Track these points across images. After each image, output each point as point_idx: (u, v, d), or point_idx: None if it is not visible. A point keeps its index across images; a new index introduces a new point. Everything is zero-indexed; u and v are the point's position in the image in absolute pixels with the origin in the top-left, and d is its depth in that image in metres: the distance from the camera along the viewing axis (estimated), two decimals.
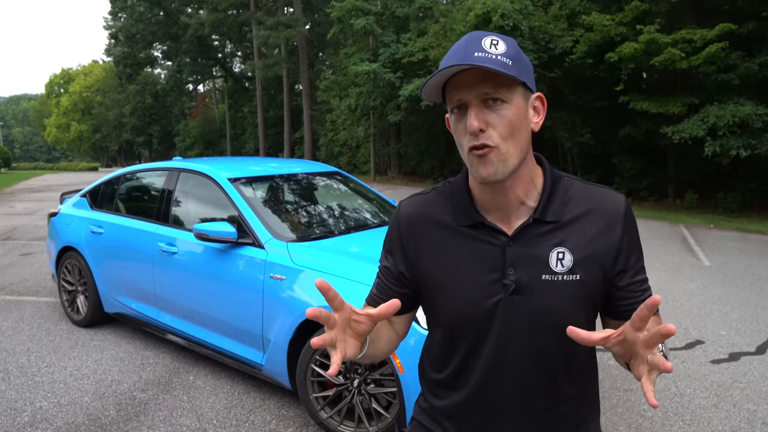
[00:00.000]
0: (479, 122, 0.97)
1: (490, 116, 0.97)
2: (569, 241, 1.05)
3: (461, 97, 0.98)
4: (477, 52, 0.95)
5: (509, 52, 0.97)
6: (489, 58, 0.95)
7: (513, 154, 1.00)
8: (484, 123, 0.97)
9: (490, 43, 0.97)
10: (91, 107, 63.05)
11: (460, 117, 1.01)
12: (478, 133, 0.97)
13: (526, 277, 1.04)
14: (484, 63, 0.94)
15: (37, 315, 4.98)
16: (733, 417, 3.11)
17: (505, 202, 1.07)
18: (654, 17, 12.94)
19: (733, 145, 11.14)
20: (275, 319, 3.00)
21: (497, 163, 0.99)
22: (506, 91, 0.97)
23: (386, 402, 2.74)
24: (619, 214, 1.07)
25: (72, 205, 4.95)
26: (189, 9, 39.72)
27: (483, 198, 1.09)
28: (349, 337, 0.94)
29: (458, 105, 1.00)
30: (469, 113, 0.98)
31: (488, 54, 0.95)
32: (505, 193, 1.05)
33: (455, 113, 1.01)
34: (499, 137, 0.98)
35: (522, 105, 1.00)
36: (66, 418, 3.10)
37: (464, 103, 0.99)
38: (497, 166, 0.99)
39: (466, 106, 0.99)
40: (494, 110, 0.97)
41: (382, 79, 19.98)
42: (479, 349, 1.09)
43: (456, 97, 0.99)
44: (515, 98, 0.99)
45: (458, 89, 0.98)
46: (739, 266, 7.04)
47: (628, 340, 0.83)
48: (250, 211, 3.38)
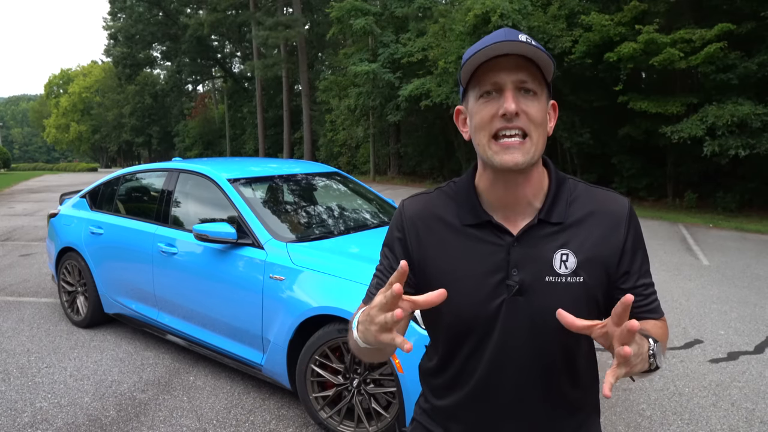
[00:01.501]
0: (516, 105, 0.98)
1: (524, 103, 0.99)
2: (573, 242, 1.06)
3: (498, 80, 0.99)
4: (520, 35, 0.98)
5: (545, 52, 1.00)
6: (531, 44, 0.97)
7: (537, 147, 1.02)
8: (520, 108, 0.98)
9: (527, 39, 0.99)
10: (90, 108, 63.01)
11: (490, 101, 1.00)
12: (513, 116, 0.98)
13: (529, 278, 1.05)
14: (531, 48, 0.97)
15: (36, 316, 4.98)
16: (731, 416, 3.12)
17: (514, 199, 1.07)
18: (653, 17, 12.94)
19: (732, 144, 11.14)
20: (275, 319, 3.01)
21: (525, 151, 1.00)
22: (538, 85, 1.00)
23: (386, 402, 2.75)
24: (622, 217, 1.08)
25: (72, 206, 4.95)
26: (188, 9, 39.71)
27: (491, 196, 1.09)
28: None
29: (490, 89, 1.00)
30: (506, 96, 0.98)
31: (529, 41, 0.98)
32: (516, 190, 1.06)
33: (485, 97, 1.01)
34: (530, 123, 0.99)
35: (545, 105, 1.03)
36: (66, 419, 3.10)
37: (499, 87, 0.99)
38: (524, 155, 1.00)
39: (500, 90, 0.99)
40: (527, 98, 0.99)
41: (381, 79, 19.98)
42: (481, 349, 1.10)
43: (492, 79, 0.99)
44: (543, 95, 1.02)
45: (496, 72, 0.98)
46: (738, 266, 7.05)
47: (609, 334, 0.85)
48: (249, 211, 3.38)
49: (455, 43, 15.78)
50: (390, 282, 0.84)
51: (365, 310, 0.92)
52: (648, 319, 1.12)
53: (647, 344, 0.93)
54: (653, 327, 1.07)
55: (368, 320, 0.88)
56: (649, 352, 0.93)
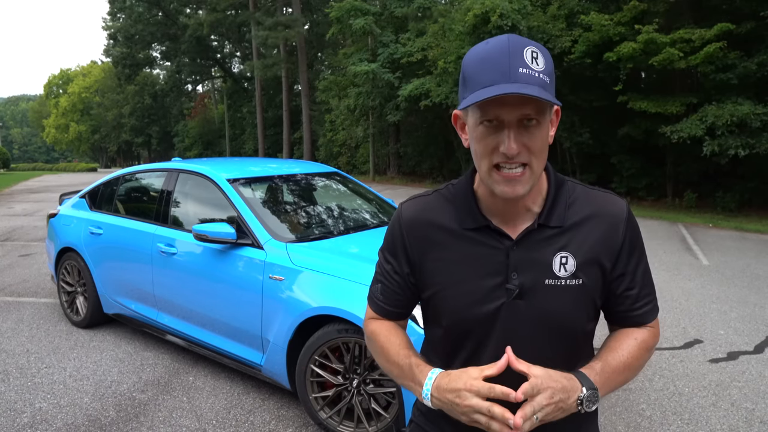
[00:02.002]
0: (518, 146, 0.95)
1: (526, 137, 0.96)
2: (572, 245, 1.06)
3: (500, 115, 0.95)
4: (522, 68, 0.92)
5: (548, 68, 0.95)
6: (533, 77, 0.93)
7: (539, 172, 1.01)
8: (521, 145, 0.96)
9: (532, 57, 0.94)
10: (89, 108, 63.01)
11: (490, 131, 0.97)
12: (515, 156, 0.96)
13: (529, 281, 1.05)
14: (528, 84, 0.92)
15: (36, 316, 4.98)
16: (731, 416, 3.12)
17: (513, 210, 1.07)
18: (652, 17, 12.95)
19: (732, 144, 11.15)
20: (274, 319, 3.01)
21: (527, 182, 0.99)
22: (542, 113, 0.96)
23: (385, 402, 2.75)
24: (620, 219, 1.08)
25: (71, 206, 4.95)
26: (188, 9, 39.71)
27: (489, 202, 1.09)
28: None
29: (492, 119, 0.96)
30: (508, 135, 0.95)
31: (532, 71, 0.93)
32: (515, 203, 1.06)
33: (485, 126, 0.97)
34: (531, 156, 0.97)
35: (548, 124, 1.00)
36: (65, 419, 3.10)
37: (501, 120, 0.95)
38: (526, 186, 0.99)
39: (501, 122, 0.96)
40: (529, 130, 0.96)
41: (381, 79, 19.99)
42: (481, 352, 1.10)
43: (495, 113, 0.95)
44: (547, 118, 0.99)
45: (500, 106, 0.94)
46: (737, 265, 7.05)
47: None
48: (249, 211, 3.38)
49: (455, 43, 15.78)
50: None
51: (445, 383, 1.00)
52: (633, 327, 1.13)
53: (576, 395, 0.97)
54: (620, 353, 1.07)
55: (454, 399, 0.98)
56: (575, 400, 0.97)
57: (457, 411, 0.97)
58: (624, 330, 1.13)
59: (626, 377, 1.08)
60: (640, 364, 1.11)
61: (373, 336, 1.20)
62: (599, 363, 1.05)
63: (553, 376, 0.95)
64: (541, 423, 0.95)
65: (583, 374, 1.01)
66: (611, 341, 1.12)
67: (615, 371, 1.05)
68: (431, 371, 1.04)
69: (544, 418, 0.94)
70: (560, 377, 0.96)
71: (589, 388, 0.98)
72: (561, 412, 0.96)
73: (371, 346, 1.21)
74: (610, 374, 1.04)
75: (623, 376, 1.07)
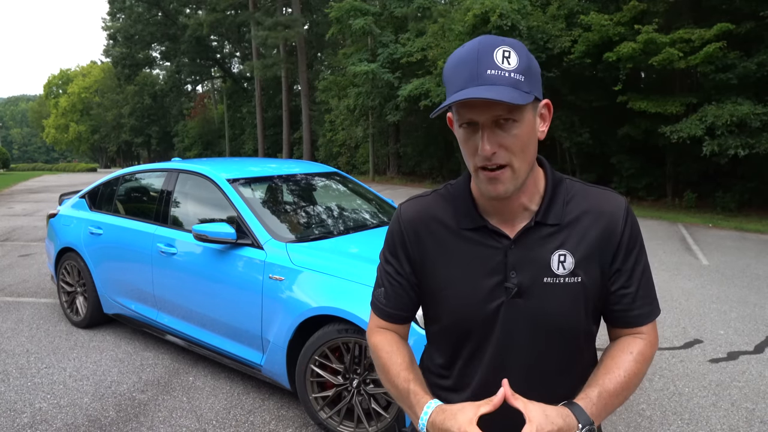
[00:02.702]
0: (492, 146, 0.95)
1: (502, 137, 0.96)
2: (570, 243, 1.05)
3: (472, 117, 0.96)
4: (490, 69, 0.93)
5: (521, 65, 0.94)
6: (503, 77, 0.92)
7: (523, 170, 1.00)
8: (496, 146, 0.96)
9: (503, 57, 0.93)
10: (89, 108, 62.97)
11: (470, 134, 0.98)
12: (490, 155, 0.96)
13: (528, 280, 1.05)
14: (495, 84, 0.92)
15: (36, 316, 4.98)
16: (731, 416, 3.12)
17: (509, 208, 1.07)
18: (652, 17, 12.95)
19: (732, 144, 11.15)
20: (274, 319, 3.01)
21: (508, 181, 0.99)
22: (518, 111, 0.95)
23: (385, 402, 2.75)
24: (619, 215, 1.07)
25: (71, 206, 4.95)
26: (187, 9, 39.71)
27: (486, 202, 1.09)
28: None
29: (468, 122, 0.97)
30: (482, 136, 0.96)
31: (501, 71, 0.93)
32: (509, 202, 1.06)
33: (464, 128, 0.99)
34: (510, 155, 0.97)
35: (531, 119, 0.99)
36: (65, 419, 3.10)
37: (475, 122, 0.96)
38: (508, 185, 0.99)
39: (476, 123, 0.96)
40: (506, 130, 0.96)
41: (380, 79, 19.98)
42: (481, 352, 1.10)
43: (467, 115, 0.96)
44: (526, 115, 0.97)
45: (470, 109, 0.95)
46: (737, 265, 7.06)
47: None
48: (248, 211, 3.38)
49: (454, 43, 15.77)
50: None
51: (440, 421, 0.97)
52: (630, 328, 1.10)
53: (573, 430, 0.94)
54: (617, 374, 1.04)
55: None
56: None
57: None
58: (619, 344, 1.10)
59: (625, 396, 1.05)
60: (639, 380, 1.08)
61: (375, 350, 1.18)
62: (596, 390, 1.01)
63: (549, 416, 0.92)
64: None
65: (579, 408, 0.97)
66: (607, 359, 1.08)
67: (612, 395, 1.02)
68: (428, 404, 1.01)
69: None
70: (556, 416, 0.92)
71: (585, 424, 0.95)
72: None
73: (374, 360, 1.19)
74: (608, 399, 1.01)
75: (622, 397, 1.04)
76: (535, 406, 0.93)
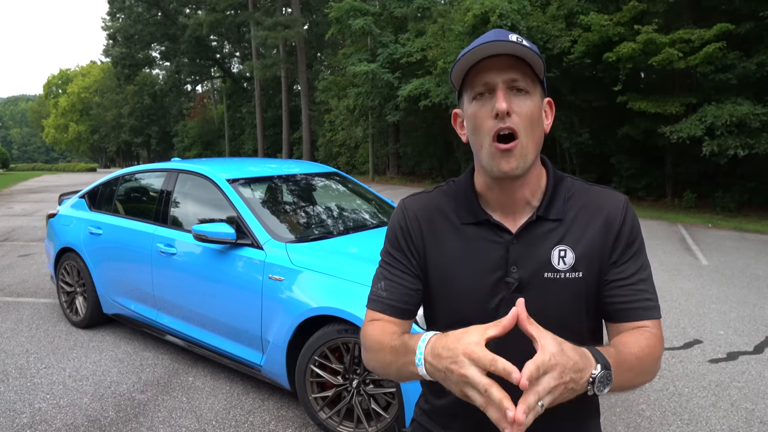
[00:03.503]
0: (508, 104, 0.98)
1: (515, 102, 1.00)
2: (571, 238, 1.06)
3: (489, 80, 1.00)
4: (511, 35, 1.00)
5: (534, 49, 1.01)
6: (521, 44, 0.98)
7: (531, 150, 1.02)
8: (511, 108, 0.99)
9: (517, 38, 1.00)
10: (89, 108, 62.98)
11: (484, 102, 1.01)
12: (505, 115, 0.98)
13: (528, 275, 1.05)
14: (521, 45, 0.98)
15: (35, 316, 4.97)
16: (731, 416, 3.12)
17: (512, 201, 1.08)
18: (652, 17, 12.95)
19: (731, 144, 11.16)
20: (274, 319, 3.01)
21: (519, 157, 1.00)
22: (531, 83, 1.01)
23: (385, 402, 2.75)
24: (618, 211, 1.08)
25: (71, 207, 4.94)
26: (187, 9, 39.72)
27: (489, 196, 1.10)
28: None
29: (483, 90, 1.01)
30: (498, 95, 0.99)
31: (520, 41, 0.99)
32: (513, 192, 1.07)
33: (478, 99, 1.02)
34: (522, 124, 1.00)
35: (539, 102, 1.04)
36: (65, 420, 3.10)
37: (491, 87, 1.00)
38: (519, 161, 1.01)
39: (492, 90, 1.00)
40: (519, 98, 1.00)
41: (380, 79, 19.98)
42: None
43: (483, 80, 1.00)
44: (536, 94, 1.03)
45: (487, 72, 1.00)
46: (737, 266, 7.06)
47: None
48: (248, 212, 3.38)
49: (454, 43, 15.78)
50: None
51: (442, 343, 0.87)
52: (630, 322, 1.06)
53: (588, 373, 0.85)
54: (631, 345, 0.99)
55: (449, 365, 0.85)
56: (587, 379, 0.84)
57: (451, 380, 0.85)
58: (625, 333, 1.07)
59: (636, 374, 0.99)
60: (650, 366, 1.02)
61: (368, 334, 1.10)
62: (613, 349, 0.96)
63: (565, 349, 0.83)
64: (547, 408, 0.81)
65: (597, 350, 0.90)
66: (619, 338, 1.05)
67: (626, 362, 0.95)
68: (426, 333, 0.94)
69: (551, 403, 0.81)
70: (572, 351, 0.84)
71: (603, 366, 0.86)
72: (570, 394, 0.83)
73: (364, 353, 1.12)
74: (622, 363, 0.93)
75: (634, 372, 0.98)
76: (550, 335, 0.85)
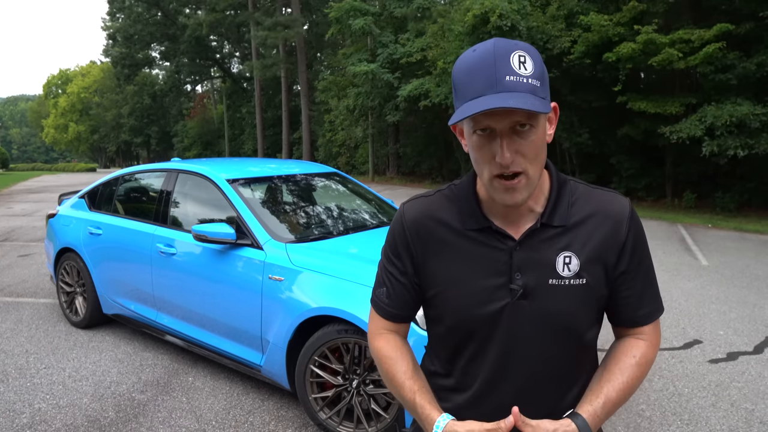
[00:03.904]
0: (512, 154, 0.95)
1: (519, 144, 0.95)
2: (575, 244, 1.05)
3: (491, 124, 0.94)
4: (509, 76, 0.92)
5: (537, 71, 0.94)
6: (522, 83, 0.92)
7: (536, 176, 1.00)
8: (514, 153, 0.95)
9: (519, 62, 0.93)
10: (89, 108, 62.94)
11: (486, 140, 0.97)
12: (509, 164, 0.95)
13: (533, 281, 1.05)
14: (515, 91, 0.91)
15: (35, 316, 4.97)
16: (731, 416, 3.12)
17: (515, 210, 1.07)
18: (652, 17, 12.95)
19: (731, 144, 11.16)
20: (274, 320, 3.01)
21: (524, 189, 0.99)
22: (535, 117, 0.95)
23: (385, 403, 2.75)
24: (623, 217, 1.08)
25: (70, 207, 4.94)
26: (187, 9, 39.70)
27: (491, 204, 1.09)
28: None
29: (485, 128, 0.96)
30: (501, 144, 0.94)
31: (519, 78, 0.92)
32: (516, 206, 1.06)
33: (479, 135, 0.97)
34: (526, 162, 0.96)
35: (544, 124, 1.00)
36: (65, 420, 3.09)
37: (493, 129, 0.95)
38: (524, 193, 0.99)
39: (493, 130, 0.95)
40: (522, 136, 0.95)
41: (380, 79, 19.98)
42: (484, 352, 1.09)
43: (485, 122, 0.94)
44: (541, 121, 0.98)
45: (489, 116, 0.93)
46: (737, 266, 7.06)
47: None
48: (248, 212, 3.38)
49: (454, 44, 15.77)
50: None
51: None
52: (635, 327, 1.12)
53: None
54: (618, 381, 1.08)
55: None
56: None
57: None
58: (622, 347, 1.13)
59: (625, 400, 1.09)
60: (639, 383, 1.11)
61: (379, 356, 1.18)
62: (601, 400, 1.05)
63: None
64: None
65: (583, 420, 1.02)
66: (610, 363, 1.11)
67: (615, 403, 1.06)
68: (436, 423, 1.05)
69: None
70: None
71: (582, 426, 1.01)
72: None
73: (378, 366, 1.20)
74: (610, 408, 1.06)
75: (622, 401, 1.08)
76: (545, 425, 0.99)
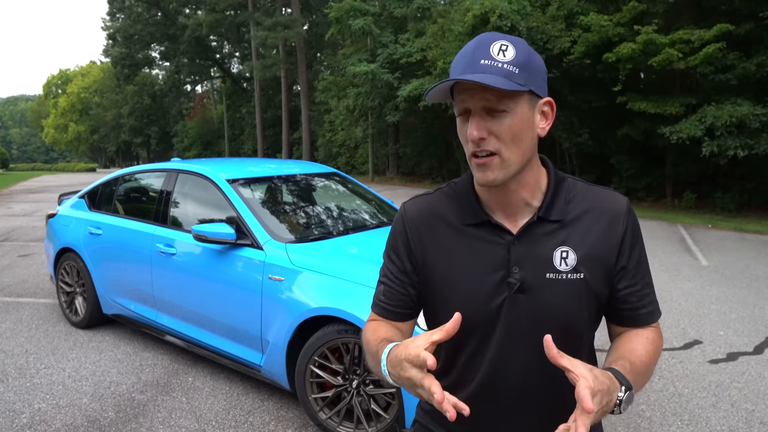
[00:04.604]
0: (479, 131, 0.98)
1: (492, 124, 0.98)
2: (572, 239, 1.06)
3: (465, 105, 1.00)
4: (483, 59, 0.96)
5: (518, 59, 0.97)
6: (494, 67, 0.96)
7: (514, 161, 1.01)
8: (485, 131, 0.98)
9: (499, 49, 0.97)
10: (89, 108, 62.97)
11: (464, 122, 1.02)
12: (478, 141, 0.99)
13: (530, 275, 1.05)
14: (487, 73, 0.95)
15: (35, 316, 4.97)
16: (731, 417, 3.12)
17: (510, 203, 1.08)
18: (652, 18, 12.95)
19: (731, 145, 11.16)
20: (274, 320, 3.00)
21: (497, 169, 1.01)
22: (509, 101, 0.97)
23: (385, 403, 2.74)
24: (621, 213, 1.08)
25: (70, 207, 4.94)
26: (187, 10, 39.69)
27: (488, 198, 1.10)
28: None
29: (463, 110, 1.01)
30: (471, 121, 0.99)
31: (494, 62, 0.96)
32: (509, 195, 1.07)
33: (461, 117, 1.03)
34: (500, 143, 0.99)
35: (526, 112, 1.00)
36: (65, 420, 3.09)
37: (468, 110, 1.00)
38: (497, 173, 1.01)
39: (469, 111, 1.00)
40: (496, 118, 0.98)
41: (380, 79, 19.98)
42: (484, 348, 1.10)
43: (462, 104, 1.01)
44: (519, 107, 0.99)
45: (463, 94, 0.99)
46: (737, 266, 7.06)
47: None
48: (248, 212, 3.38)
49: (454, 44, 15.77)
50: (429, 342, 0.88)
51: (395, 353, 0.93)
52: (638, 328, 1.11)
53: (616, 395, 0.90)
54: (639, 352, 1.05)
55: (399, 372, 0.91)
56: (615, 401, 0.90)
57: (405, 384, 0.91)
58: (633, 331, 1.12)
59: (645, 380, 1.05)
60: (653, 368, 1.09)
61: (364, 337, 1.16)
62: (627, 362, 1.00)
63: (597, 375, 0.87)
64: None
65: (619, 372, 0.95)
66: (625, 342, 1.09)
67: (639, 372, 1.02)
68: (389, 344, 0.99)
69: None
70: (602, 376, 0.88)
71: (627, 388, 0.93)
72: (602, 415, 0.90)
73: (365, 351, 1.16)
74: (637, 375, 1.00)
75: (645, 378, 1.05)
76: (581, 363, 0.88)
